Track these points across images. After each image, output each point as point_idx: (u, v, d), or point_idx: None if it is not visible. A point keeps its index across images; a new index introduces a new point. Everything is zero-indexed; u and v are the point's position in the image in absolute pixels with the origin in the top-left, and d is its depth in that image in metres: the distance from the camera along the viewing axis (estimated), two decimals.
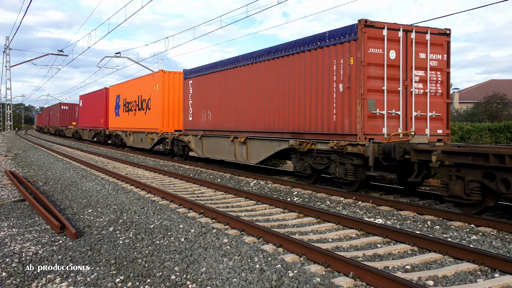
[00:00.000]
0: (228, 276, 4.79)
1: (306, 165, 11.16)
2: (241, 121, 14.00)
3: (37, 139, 45.35)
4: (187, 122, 17.81)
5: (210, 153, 16.13)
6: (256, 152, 13.22)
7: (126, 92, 25.74)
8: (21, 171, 16.09)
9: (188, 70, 17.96)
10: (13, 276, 5.19)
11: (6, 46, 25.38)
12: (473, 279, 4.82)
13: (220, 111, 15.27)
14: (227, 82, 14.80)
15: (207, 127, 16.18)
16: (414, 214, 8.00)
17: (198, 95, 16.88)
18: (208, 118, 16.19)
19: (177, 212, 8.15)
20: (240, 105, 14.01)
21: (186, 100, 17.98)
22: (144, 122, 22.35)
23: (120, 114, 26.65)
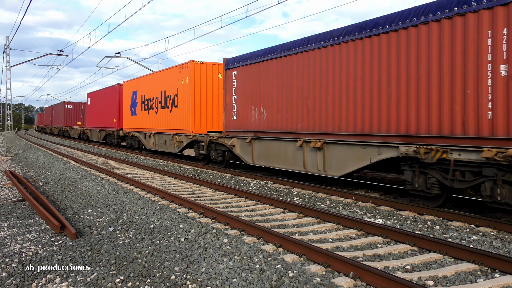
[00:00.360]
0: (228, 276, 4.79)
1: (432, 182, 8.11)
2: (314, 120, 10.89)
3: (37, 139, 45.30)
4: (229, 122, 14.65)
5: (263, 160, 12.89)
6: (339, 162, 10.10)
7: (144, 88, 22.60)
8: (21, 171, 16.09)
9: (231, 59, 14.75)
10: (13, 276, 5.19)
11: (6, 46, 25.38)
12: (473, 279, 4.82)
13: (280, 108, 12.12)
14: (292, 71, 11.64)
15: (260, 128, 13.02)
16: (414, 214, 8.00)
17: (246, 89, 13.69)
18: (261, 117, 13.02)
19: (177, 212, 8.15)
20: (313, 99, 10.89)
21: (228, 95, 14.74)
22: (169, 122, 19.52)
23: (138, 113, 23.49)
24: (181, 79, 18.13)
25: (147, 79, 22.59)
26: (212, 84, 17.63)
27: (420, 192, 8.42)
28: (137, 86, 23.82)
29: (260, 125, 13.06)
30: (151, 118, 21.54)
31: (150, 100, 21.85)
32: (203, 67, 17.62)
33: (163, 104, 20.21)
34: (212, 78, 17.66)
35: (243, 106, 13.95)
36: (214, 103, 17.59)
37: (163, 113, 20.13)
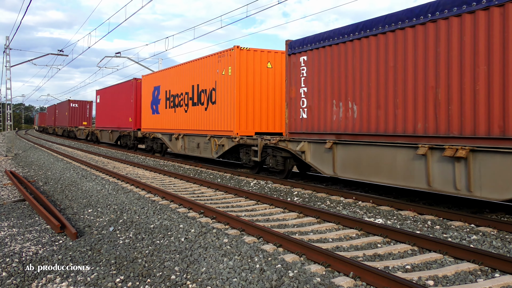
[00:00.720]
0: (228, 276, 4.79)
1: None
2: (450, 118, 7.77)
3: (38, 139, 45.27)
4: (296, 121, 11.64)
5: (352, 171, 9.82)
6: (499, 179, 6.98)
7: (170, 82, 19.57)
8: (21, 171, 16.10)
9: (297, 41, 11.56)
10: (13, 276, 5.19)
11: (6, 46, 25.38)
12: (473, 279, 4.82)
13: (383, 102, 9.02)
14: (407, 51, 8.49)
15: (347, 129, 9.92)
16: (414, 214, 8.00)
17: (323, 78, 10.62)
18: (348, 115, 9.92)
19: (177, 212, 8.15)
20: (448, 88, 7.78)
21: (293, 88, 11.71)
22: (204, 122, 16.43)
23: (161, 111, 20.48)
24: (221, 69, 15.00)
25: (173, 72, 19.36)
26: (260, 75, 14.50)
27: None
28: (160, 80, 20.56)
29: (347, 125, 9.95)
30: (179, 117, 18.51)
31: (177, 96, 18.79)
32: (249, 55, 14.37)
33: (195, 100, 17.11)
34: (260, 68, 14.50)
35: (317, 101, 10.86)
36: (263, 98, 14.50)
37: (196, 111, 17.07)
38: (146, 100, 22.43)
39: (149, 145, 22.67)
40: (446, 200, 9.16)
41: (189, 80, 17.64)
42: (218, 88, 15.33)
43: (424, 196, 9.69)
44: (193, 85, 17.28)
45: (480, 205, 8.57)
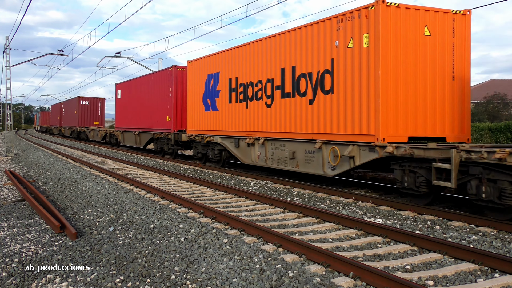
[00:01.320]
0: (228, 276, 4.79)
1: None
2: None
3: (38, 139, 45.25)
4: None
5: None
6: None
7: (237, 66, 14.31)
8: (21, 171, 16.09)
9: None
10: (13, 276, 5.19)
11: (6, 46, 25.38)
12: (473, 279, 4.82)
13: None
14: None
15: None
16: (414, 214, 8.00)
17: None
18: None
19: (177, 212, 8.15)
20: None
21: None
22: (307, 120, 11.31)
23: (221, 107, 15.23)
24: (344, 40, 10.10)
25: (242, 52, 14.05)
26: (415, 47, 9.50)
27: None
28: (219, 65, 15.38)
29: None
30: (256, 114, 13.23)
31: (251, 86, 13.54)
32: (399, 15, 9.37)
33: (287, 89, 12.05)
34: (415, 37, 9.52)
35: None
36: (419, 84, 9.51)
37: (289, 105, 11.96)
38: (194, 93, 17.15)
39: (199, 151, 16.94)
40: (446, 200, 9.16)
41: (275, 62, 12.48)
42: (337, 69, 10.28)
43: None
44: (283, 68, 12.13)
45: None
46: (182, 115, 19.21)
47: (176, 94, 19.35)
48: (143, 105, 22.94)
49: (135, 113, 24.24)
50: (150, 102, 21.85)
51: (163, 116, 20.26)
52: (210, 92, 16.06)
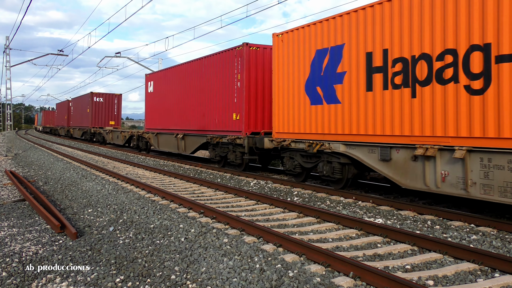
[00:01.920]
0: (228, 276, 4.79)
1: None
2: None
3: (38, 139, 45.21)
4: None
5: None
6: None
7: (383, 33, 9.04)
8: (21, 171, 16.10)
9: None
10: (13, 276, 5.19)
11: (6, 46, 25.38)
12: (473, 279, 4.82)
13: None
14: None
15: None
16: (414, 214, 8.00)
17: None
18: None
19: (177, 212, 8.15)
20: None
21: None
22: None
23: (347, 98, 10.05)
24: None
25: (401, 6, 8.68)
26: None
27: None
28: (340, 34, 10.17)
29: None
30: (440, 106, 7.92)
31: (424, 60, 8.22)
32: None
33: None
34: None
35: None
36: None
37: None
38: (287, 80, 11.96)
39: (298, 164, 11.81)
40: (446, 200, 9.17)
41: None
42: None
43: (424, 196, 9.69)
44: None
45: (480, 205, 8.56)
46: (257, 113, 14.15)
47: (249, 83, 13.93)
48: (190, 99, 17.61)
49: (176, 109, 18.82)
50: (203, 94, 16.49)
51: (225, 113, 14.99)
52: (322, 77, 10.73)
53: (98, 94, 34.56)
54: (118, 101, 35.48)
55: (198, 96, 16.98)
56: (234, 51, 14.43)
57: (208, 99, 16.17)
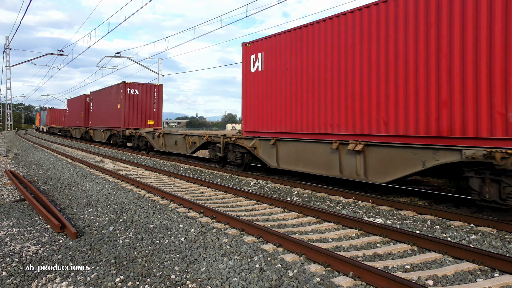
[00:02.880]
0: (228, 275, 4.80)
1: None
2: None
3: (38, 139, 45.09)
4: None
5: None
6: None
7: None
8: (21, 171, 16.10)
9: None
10: (13, 275, 5.19)
11: (6, 46, 25.39)
12: (473, 279, 4.83)
13: None
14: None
15: None
16: (414, 214, 8.00)
17: None
18: None
19: (177, 211, 8.16)
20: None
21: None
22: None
23: None
24: None
25: None
26: None
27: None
28: None
29: None
30: None
31: None
32: None
33: None
34: None
35: None
36: None
37: None
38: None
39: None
40: (446, 200, 9.17)
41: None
42: None
43: (424, 196, 9.70)
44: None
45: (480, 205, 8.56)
46: None
47: None
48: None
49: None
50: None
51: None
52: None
53: (132, 84, 26.33)
54: (158, 94, 27.14)
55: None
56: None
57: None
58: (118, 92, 27.06)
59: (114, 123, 27.67)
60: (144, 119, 26.70)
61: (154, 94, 26.97)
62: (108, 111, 29.29)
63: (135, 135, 24.60)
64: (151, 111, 26.90)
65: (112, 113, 28.20)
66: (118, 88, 27.02)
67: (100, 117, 31.65)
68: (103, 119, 30.70)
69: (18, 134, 62.07)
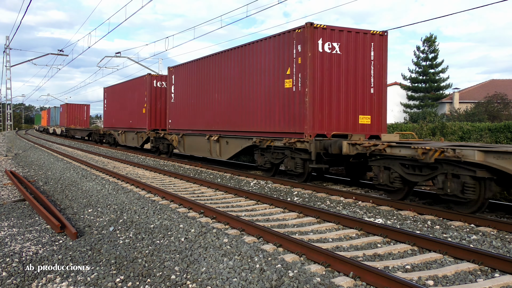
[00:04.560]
0: (228, 276, 4.80)
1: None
2: None
3: (38, 139, 45.06)
4: None
5: None
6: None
7: None
8: (21, 171, 16.10)
9: None
10: (13, 276, 5.19)
11: (6, 46, 25.39)
12: (473, 279, 4.83)
13: None
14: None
15: None
16: (414, 214, 8.00)
17: None
18: None
19: (177, 212, 8.15)
20: None
21: None
22: None
23: None
24: None
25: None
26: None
27: None
28: None
29: None
30: None
31: None
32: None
33: None
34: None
35: None
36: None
37: None
38: None
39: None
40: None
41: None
42: None
43: (424, 196, 9.69)
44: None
45: None
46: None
47: None
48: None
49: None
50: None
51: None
52: None
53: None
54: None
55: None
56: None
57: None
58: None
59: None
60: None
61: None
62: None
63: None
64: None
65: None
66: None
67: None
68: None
69: (18, 134, 62.07)
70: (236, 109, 14.33)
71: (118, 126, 26.37)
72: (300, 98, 11.31)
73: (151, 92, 21.25)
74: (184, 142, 18.09)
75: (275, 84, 12.27)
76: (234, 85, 14.41)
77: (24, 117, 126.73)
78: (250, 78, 13.49)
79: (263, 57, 12.87)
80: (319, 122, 11.31)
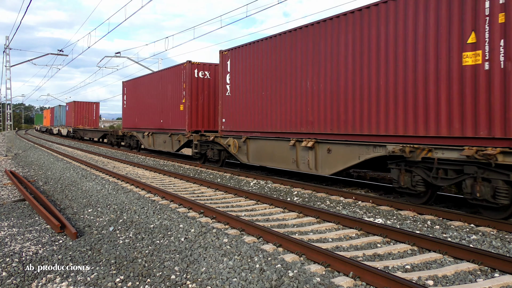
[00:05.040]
0: (228, 276, 4.80)
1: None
2: None
3: (38, 139, 45.06)
4: None
5: None
6: None
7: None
8: (21, 171, 16.10)
9: None
10: (13, 275, 5.19)
11: (6, 46, 25.39)
12: (473, 279, 4.83)
13: None
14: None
15: None
16: (414, 214, 8.00)
17: None
18: None
19: (177, 211, 8.16)
20: None
21: None
22: None
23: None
24: None
25: None
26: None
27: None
28: None
29: None
30: None
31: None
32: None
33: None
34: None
35: None
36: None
37: None
38: None
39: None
40: (446, 200, 9.17)
41: None
42: None
43: None
44: None
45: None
46: None
47: None
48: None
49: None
50: None
51: None
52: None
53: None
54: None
55: None
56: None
57: None
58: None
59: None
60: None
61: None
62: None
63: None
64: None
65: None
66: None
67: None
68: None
69: (18, 134, 62.06)
70: (346, 102, 10.11)
71: (143, 127, 22.35)
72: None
73: (192, 84, 17.33)
74: (248, 148, 13.89)
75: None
76: (346, 68, 10.07)
77: (24, 117, 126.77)
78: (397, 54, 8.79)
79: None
80: None
